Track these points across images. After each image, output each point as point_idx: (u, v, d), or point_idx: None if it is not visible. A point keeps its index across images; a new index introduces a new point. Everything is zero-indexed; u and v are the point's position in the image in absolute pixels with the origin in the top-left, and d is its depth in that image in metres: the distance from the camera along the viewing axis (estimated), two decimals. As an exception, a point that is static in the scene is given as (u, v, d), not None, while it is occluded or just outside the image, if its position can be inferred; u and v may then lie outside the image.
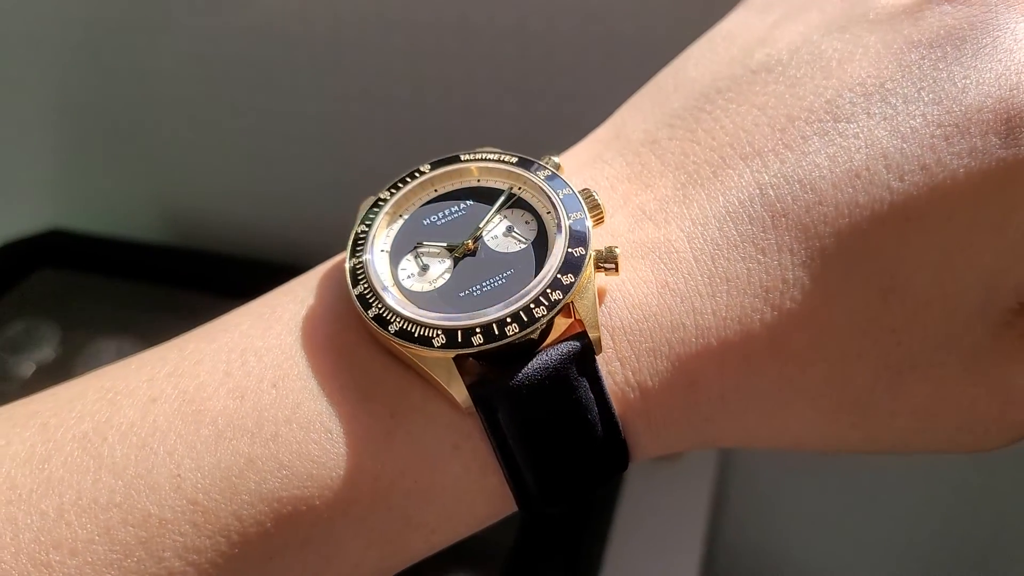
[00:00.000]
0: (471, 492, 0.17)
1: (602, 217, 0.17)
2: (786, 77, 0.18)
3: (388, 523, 0.16)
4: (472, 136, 0.53)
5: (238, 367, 0.17)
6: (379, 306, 0.16)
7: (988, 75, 0.16)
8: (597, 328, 0.16)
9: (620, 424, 0.16)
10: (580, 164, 0.19)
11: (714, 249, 0.16)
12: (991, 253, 0.16)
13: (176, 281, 0.58)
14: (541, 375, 0.16)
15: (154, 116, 0.61)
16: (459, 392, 0.16)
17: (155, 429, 0.16)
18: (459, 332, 0.16)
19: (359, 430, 0.16)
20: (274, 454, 0.16)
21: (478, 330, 0.16)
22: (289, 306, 0.18)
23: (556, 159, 0.19)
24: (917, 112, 0.16)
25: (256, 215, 0.64)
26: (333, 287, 0.18)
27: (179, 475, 0.15)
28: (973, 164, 0.16)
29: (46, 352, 0.56)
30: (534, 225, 0.18)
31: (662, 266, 0.17)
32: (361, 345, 0.17)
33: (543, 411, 0.16)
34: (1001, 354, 0.17)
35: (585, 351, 0.16)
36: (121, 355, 0.22)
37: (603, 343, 0.16)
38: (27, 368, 0.55)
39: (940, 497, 0.61)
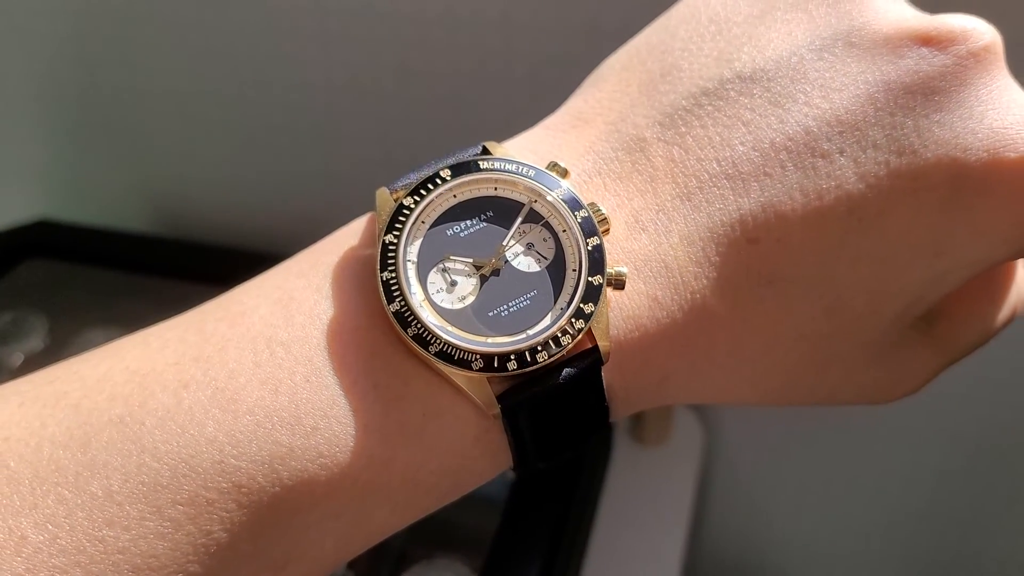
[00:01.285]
0: (483, 467, 0.19)
1: (608, 230, 0.19)
2: (771, 93, 0.19)
3: (411, 495, 0.18)
4: (456, 127, 0.54)
5: (267, 358, 0.18)
6: (418, 326, 0.18)
7: (947, 134, 0.18)
8: (607, 341, 0.18)
9: (608, 412, 0.19)
10: (574, 153, 0.20)
11: (697, 268, 0.19)
12: (917, 284, 0.19)
13: (164, 271, 0.58)
14: (560, 389, 0.18)
15: (142, 107, 0.61)
16: (490, 404, 0.18)
17: (192, 417, 0.17)
18: (496, 358, 0.18)
19: (393, 426, 0.17)
20: (314, 445, 0.17)
21: (512, 356, 0.18)
22: (307, 294, 0.19)
23: (563, 165, 0.19)
24: (882, 160, 0.18)
25: (243, 206, 0.64)
26: (351, 279, 0.19)
27: (222, 461, 0.16)
28: (919, 218, 0.18)
29: (34, 342, 0.56)
30: (551, 243, 0.19)
31: (653, 281, 0.19)
32: (388, 345, 0.18)
33: (558, 413, 0.18)
34: (902, 346, 0.20)
35: (595, 364, 0.18)
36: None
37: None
38: (16, 359, 0.55)
39: (921, 479, 0.61)
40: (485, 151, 0.20)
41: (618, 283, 0.18)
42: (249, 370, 0.17)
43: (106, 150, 0.65)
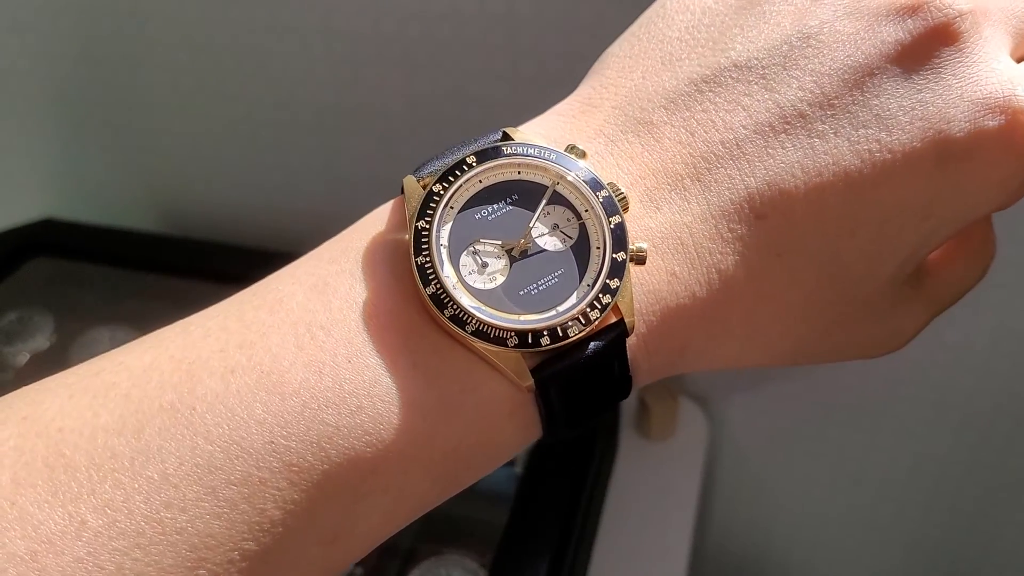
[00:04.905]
0: (516, 439, 0.20)
1: (627, 207, 0.20)
2: (764, 80, 0.20)
3: (451, 468, 0.19)
4: (463, 122, 0.54)
5: (308, 341, 0.18)
6: (454, 307, 0.18)
7: (930, 110, 0.20)
8: (632, 315, 0.19)
9: (631, 381, 0.20)
10: (584, 136, 0.21)
11: (711, 244, 0.20)
12: (909, 246, 0.21)
13: (169, 269, 0.59)
14: (590, 363, 0.19)
15: (146, 106, 0.61)
16: (525, 379, 0.19)
17: (240, 400, 0.17)
18: (529, 334, 0.18)
19: (433, 403, 0.18)
20: (359, 424, 0.18)
21: (545, 332, 0.18)
22: (341, 280, 0.19)
23: (581, 147, 0.20)
24: (872, 136, 0.20)
25: (248, 203, 0.64)
26: (383, 264, 0.20)
27: (272, 442, 0.17)
28: (909, 184, 0.20)
29: (40, 341, 0.56)
30: (575, 223, 0.20)
31: (671, 257, 0.20)
32: (424, 325, 0.19)
33: (587, 386, 0.19)
34: (895, 302, 0.22)
35: (620, 336, 0.19)
36: (115, 343, 0.22)
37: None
38: (22, 358, 0.55)
39: (926, 471, 0.62)
40: (505, 136, 0.21)
41: (639, 259, 0.19)
42: (292, 353, 0.18)
43: (111, 149, 0.65)
